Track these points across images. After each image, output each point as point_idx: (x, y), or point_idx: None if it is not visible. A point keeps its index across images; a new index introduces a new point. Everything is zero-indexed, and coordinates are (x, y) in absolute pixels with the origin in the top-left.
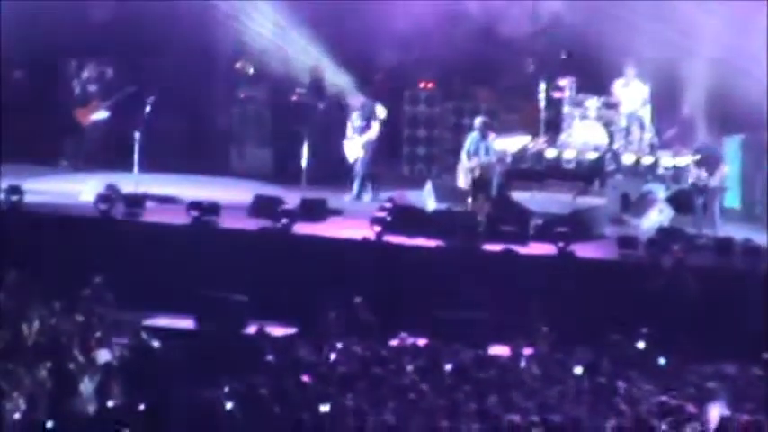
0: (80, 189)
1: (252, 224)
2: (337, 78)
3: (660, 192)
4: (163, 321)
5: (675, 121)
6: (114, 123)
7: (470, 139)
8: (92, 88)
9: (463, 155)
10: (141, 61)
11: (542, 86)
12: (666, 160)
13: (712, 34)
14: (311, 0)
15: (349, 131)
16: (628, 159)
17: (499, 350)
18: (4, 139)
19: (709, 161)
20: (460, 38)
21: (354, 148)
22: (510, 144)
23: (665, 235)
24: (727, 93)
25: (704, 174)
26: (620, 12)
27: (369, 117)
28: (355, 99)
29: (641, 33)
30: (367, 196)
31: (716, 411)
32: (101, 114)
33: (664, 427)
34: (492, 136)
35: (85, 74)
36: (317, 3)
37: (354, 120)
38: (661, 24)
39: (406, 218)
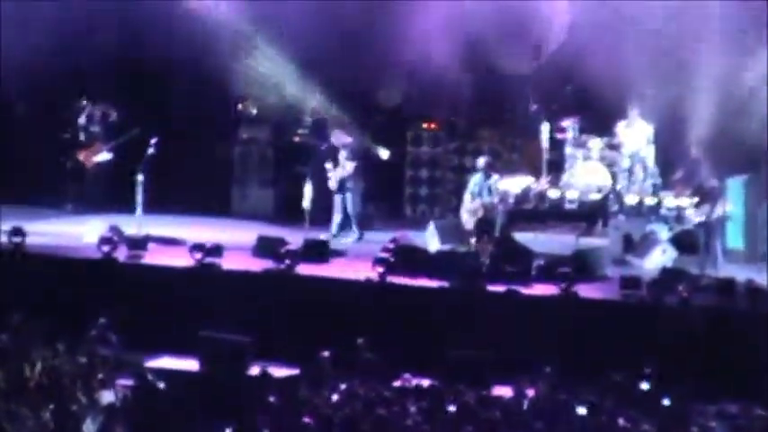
0: (83, 231)
1: (255, 265)
2: (340, 119)
3: (663, 232)
4: (166, 363)
5: (680, 161)
6: (117, 165)
7: (474, 180)
8: (94, 129)
9: (467, 195)
10: (144, 102)
11: (545, 127)
12: (669, 200)
13: (714, 71)
14: (313, 40)
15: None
16: (630, 200)
17: (502, 390)
18: (6, 180)
19: (710, 197)
20: (464, 78)
21: (331, 183)
22: (513, 184)
23: (668, 275)
24: (730, 132)
25: (706, 208)
26: (622, 50)
27: (346, 156)
28: (339, 137)
29: (644, 72)
30: (349, 238)
31: None
32: (104, 156)
33: None
34: (495, 176)
35: (87, 114)
36: (319, 43)
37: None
38: (663, 62)
39: (409, 258)
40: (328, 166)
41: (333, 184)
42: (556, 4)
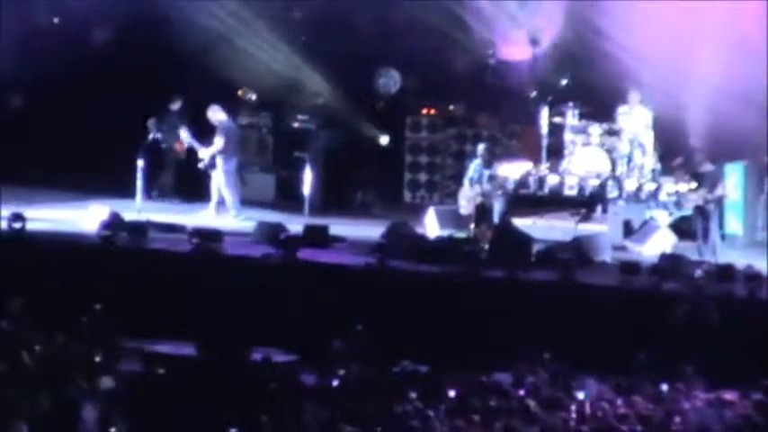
0: (83, 216)
1: (255, 251)
2: (340, 105)
3: (662, 218)
4: (166, 348)
5: (679, 147)
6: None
7: (473, 166)
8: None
9: (465, 182)
10: (141, 89)
11: (545, 113)
12: (669, 186)
13: (713, 59)
14: (313, 27)
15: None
16: (630, 186)
17: (502, 377)
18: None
19: (707, 181)
20: (462, 64)
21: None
22: (512, 170)
23: (668, 261)
24: (729, 118)
25: (703, 192)
26: (621, 37)
27: (218, 133)
28: (214, 114)
29: (643, 58)
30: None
31: None
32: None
33: None
34: (494, 163)
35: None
36: (319, 30)
37: None
38: (664, 48)
39: (408, 245)
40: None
41: (202, 157)
42: None
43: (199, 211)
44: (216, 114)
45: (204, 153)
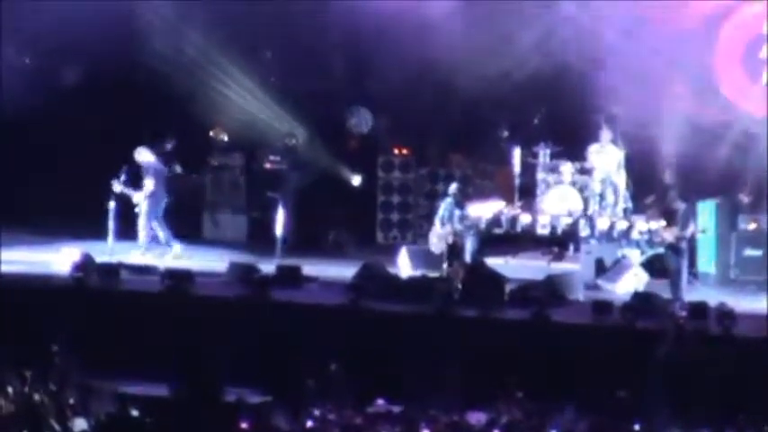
0: (54, 258)
1: (227, 291)
2: (311, 145)
3: (635, 256)
4: (138, 389)
5: (652, 185)
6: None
7: (444, 205)
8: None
9: (437, 221)
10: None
11: (517, 152)
12: (641, 224)
13: (684, 95)
14: (284, 67)
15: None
16: (602, 224)
17: (476, 416)
18: None
19: (679, 219)
20: (435, 103)
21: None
22: (484, 210)
23: (640, 300)
24: (700, 156)
25: (675, 231)
26: (593, 75)
27: (147, 175)
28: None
29: (615, 97)
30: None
31: None
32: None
33: None
34: (466, 202)
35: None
36: (289, 68)
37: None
38: (635, 87)
39: (381, 284)
40: (116, 185)
41: (137, 201)
42: (526, 30)
43: (135, 250)
44: (143, 156)
45: (138, 197)
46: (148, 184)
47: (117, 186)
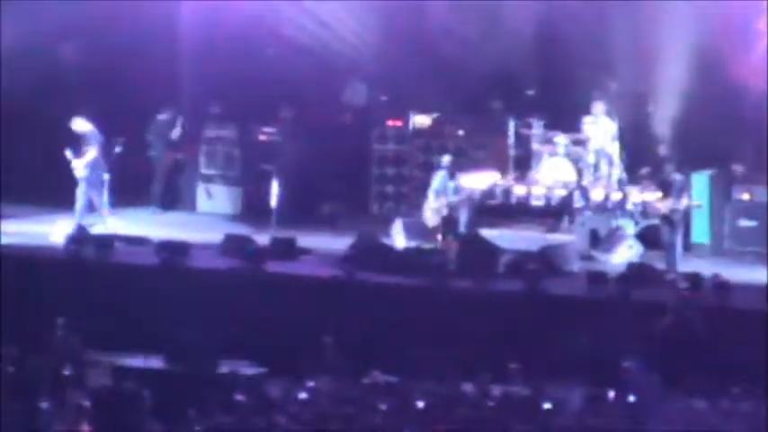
0: (50, 230)
1: (222, 263)
2: (306, 118)
3: (629, 227)
4: (133, 361)
5: (646, 157)
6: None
7: (437, 178)
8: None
9: (430, 194)
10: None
11: (511, 124)
12: (635, 196)
13: (679, 67)
14: (279, 39)
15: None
16: (596, 195)
17: (470, 387)
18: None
19: (674, 190)
20: (429, 76)
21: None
22: (479, 181)
23: (635, 271)
24: (695, 128)
25: (670, 202)
26: (588, 47)
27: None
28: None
29: (609, 68)
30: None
31: None
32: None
33: None
34: (459, 174)
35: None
36: (284, 43)
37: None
38: (629, 59)
39: (376, 256)
40: (68, 153)
41: (78, 172)
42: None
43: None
44: (81, 125)
45: (78, 164)
46: (91, 151)
47: (68, 155)
